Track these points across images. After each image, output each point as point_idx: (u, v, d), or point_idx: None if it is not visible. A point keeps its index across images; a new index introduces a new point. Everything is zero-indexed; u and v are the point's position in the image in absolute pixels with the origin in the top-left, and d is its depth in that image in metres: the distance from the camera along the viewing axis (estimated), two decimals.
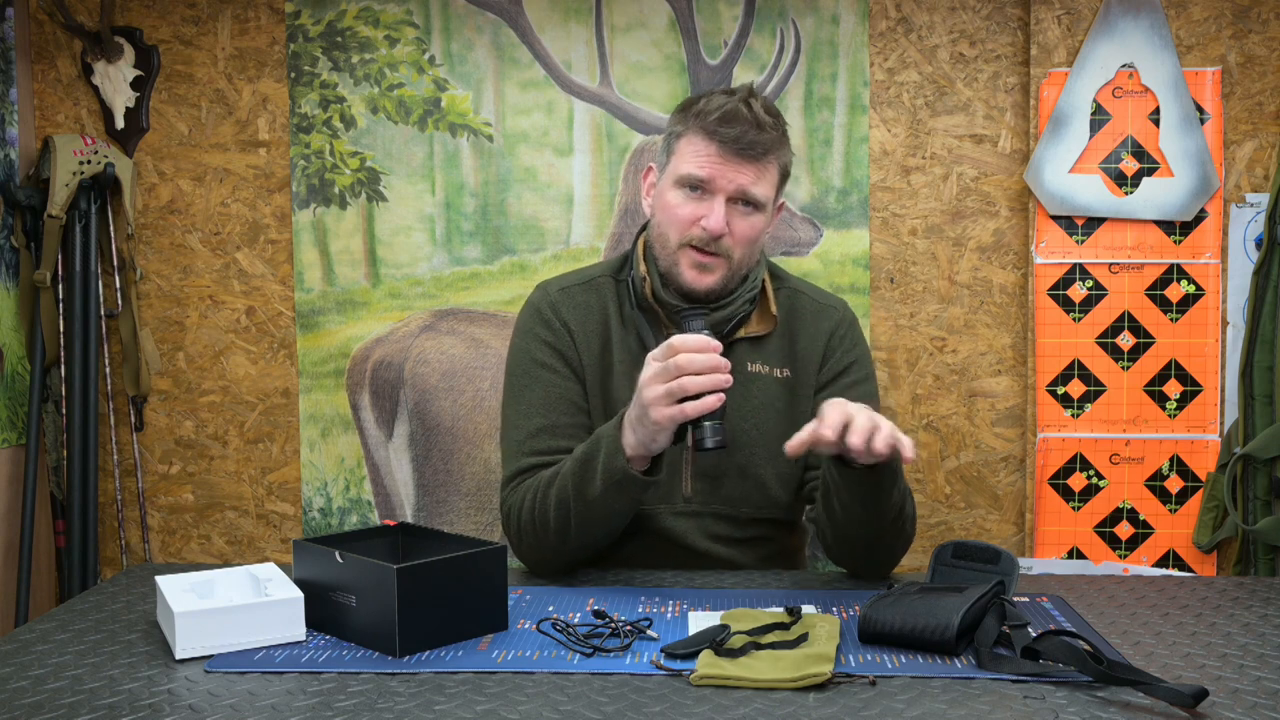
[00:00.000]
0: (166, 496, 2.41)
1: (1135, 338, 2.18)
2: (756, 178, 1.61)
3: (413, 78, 2.31)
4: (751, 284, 1.68)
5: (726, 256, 1.61)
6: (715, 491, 1.67)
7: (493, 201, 2.32)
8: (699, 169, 1.60)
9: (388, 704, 1.08)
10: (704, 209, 1.60)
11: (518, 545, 1.63)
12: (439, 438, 2.34)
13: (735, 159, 1.59)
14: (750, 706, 1.06)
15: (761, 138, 1.59)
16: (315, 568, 1.32)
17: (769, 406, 1.69)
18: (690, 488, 1.67)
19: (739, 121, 1.58)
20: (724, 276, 1.62)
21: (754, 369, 1.69)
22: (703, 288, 1.62)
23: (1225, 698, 1.07)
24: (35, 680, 1.16)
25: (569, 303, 1.73)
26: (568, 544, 1.56)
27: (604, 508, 1.51)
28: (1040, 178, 2.17)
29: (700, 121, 1.61)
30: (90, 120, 2.37)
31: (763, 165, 1.61)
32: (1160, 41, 2.14)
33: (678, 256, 1.62)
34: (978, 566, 1.38)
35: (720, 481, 1.66)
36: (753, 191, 1.60)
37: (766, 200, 1.63)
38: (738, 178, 1.59)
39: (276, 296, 2.37)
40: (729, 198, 1.60)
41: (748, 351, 1.70)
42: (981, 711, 1.05)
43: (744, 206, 1.61)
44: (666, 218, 1.64)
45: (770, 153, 1.62)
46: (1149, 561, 2.19)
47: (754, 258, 1.67)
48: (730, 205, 1.60)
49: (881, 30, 2.24)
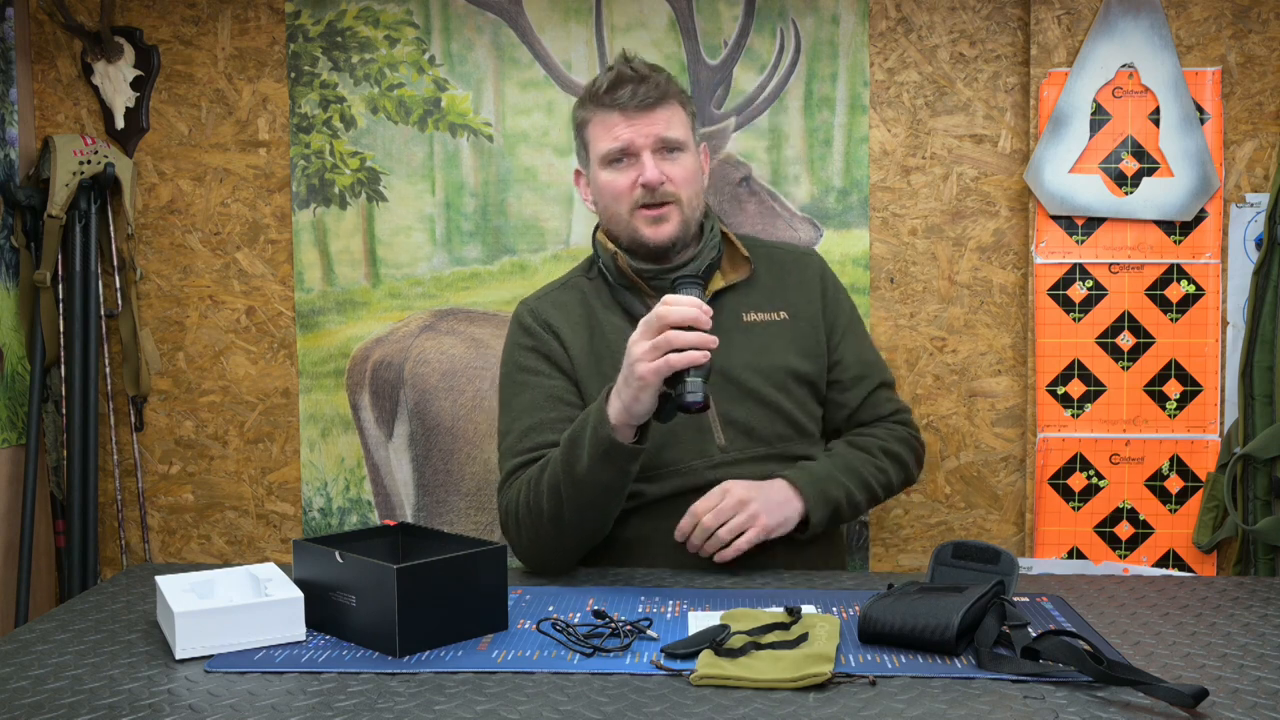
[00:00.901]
0: (166, 496, 2.41)
1: (1135, 338, 2.18)
2: (667, 122, 1.71)
3: (413, 78, 2.31)
4: (711, 233, 1.79)
5: (675, 201, 1.72)
6: (748, 434, 1.73)
7: (493, 201, 2.32)
8: (614, 141, 1.71)
9: (388, 704, 1.08)
10: (635, 171, 1.71)
11: (516, 542, 1.65)
12: (439, 438, 2.34)
13: (639, 114, 1.70)
14: (750, 706, 1.06)
15: (653, 86, 1.71)
16: (315, 568, 1.32)
17: (772, 344, 1.77)
18: (723, 437, 1.72)
19: (625, 82, 1.71)
20: (680, 222, 1.72)
21: (749, 318, 1.78)
22: (665, 237, 1.72)
23: (1225, 698, 1.07)
24: (35, 680, 1.16)
25: (548, 304, 1.82)
26: (563, 531, 1.58)
27: (593, 483, 1.53)
28: (1040, 178, 2.17)
29: (594, 100, 1.74)
30: (90, 120, 2.37)
31: (666, 109, 1.72)
32: (1160, 41, 2.14)
33: (632, 223, 1.73)
34: (978, 566, 1.38)
35: (749, 424, 1.74)
36: (669, 135, 1.71)
37: (686, 140, 1.74)
38: (650, 129, 1.70)
39: (276, 296, 2.37)
40: (652, 151, 1.70)
41: (737, 302, 1.79)
42: (981, 711, 1.05)
43: (669, 153, 1.72)
44: (609, 196, 1.75)
45: (666, 96, 1.72)
46: (1149, 561, 2.20)
47: (700, 199, 1.78)
48: (656, 156, 1.71)
49: (881, 30, 2.24)
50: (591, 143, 1.76)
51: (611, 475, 1.53)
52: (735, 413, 1.73)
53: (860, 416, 1.84)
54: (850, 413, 1.83)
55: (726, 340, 1.70)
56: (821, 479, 1.68)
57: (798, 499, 1.65)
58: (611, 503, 1.58)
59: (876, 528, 2.29)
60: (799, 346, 1.79)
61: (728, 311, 1.76)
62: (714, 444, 1.72)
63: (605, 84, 1.72)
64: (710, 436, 1.72)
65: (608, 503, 1.58)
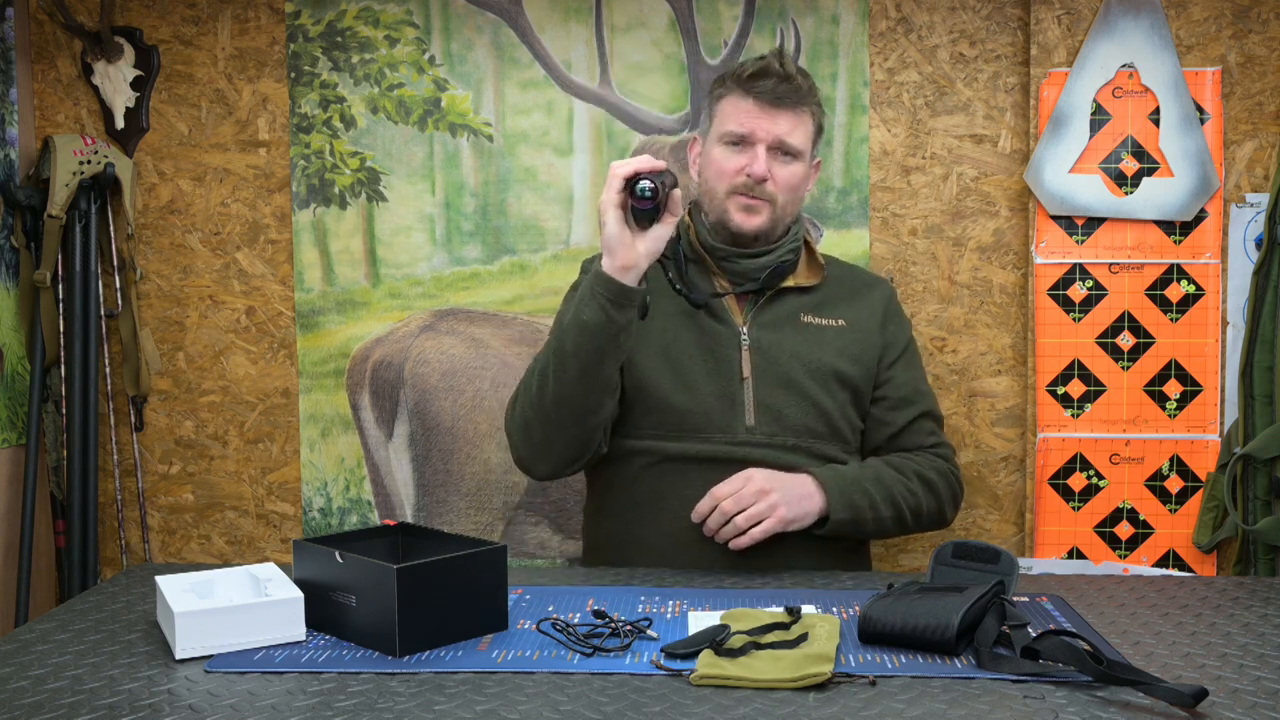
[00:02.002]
0: (166, 496, 2.41)
1: (1135, 338, 2.18)
2: (792, 127, 1.75)
3: (413, 78, 2.31)
4: (793, 237, 1.82)
5: (770, 200, 1.76)
6: (778, 420, 1.75)
7: (493, 201, 2.32)
8: (739, 125, 1.75)
9: (388, 704, 1.08)
10: (747, 158, 1.75)
11: (511, 424, 1.73)
12: (439, 438, 2.34)
13: (771, 109, 1.74)
14: (750, 706, 1.06)
15: (793, 88, 1.75)
16: (315, 568, 1.32)
17: (824, 346, 1.80)
18: (754, 418, 1.74)
19: (770, 75, 1.74)
20: (770, 218, 1.77)
21: (807, 319, 1.82)
22: (751, 228, 1.76)
23: (1225, 698, 1.07)
24: (35, 680, 1.16)
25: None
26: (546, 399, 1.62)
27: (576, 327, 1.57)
28: (1040, 178, 2.17)
29: (736, 81, 1.77)
30: (90, 120, 2.37)
31: (797, 114, 1.76)
32: (1160, 41, 2.14)
33: (726, 204, 1.77)
34: (978, 566, 1.38)
35: (781, 412, 1.75)
36: (790, 141, 1.75)
37: (804, 149, 1.78)
38: (774, 128, 1.74)
39: (276, 296, 2.37)
40: (769, 147, 1.74)
41: (801, 304, 1.83)
42: (981, 711, 1.05)
43: (783, 156, 1.76)
44: (713, 172, 1.79)
45: (803, 102, 1.77)
46: (1149, 561, 2.20)
47: (796, 206, 1.82)
48: (770, 154, 1.75)
49: (881, 30, 2.24)
50: (717, 117, 1.80)
51: (593, 314, 1.56)
52: (771, 398, 1.75)
53: (902, 441, 1.83)
54: (893, 434, 1.83)
55: (779, 333, 1.79)
56: (849, 482, 1.69)
57: (820, 495, 1.66)
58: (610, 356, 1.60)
59: None
60: (849, 353, 1.81)
61: (788, 310, 1.81)
62: (743, 422, 1.74)
63: (751, 70, 1.76)
64: (741, 414, 1.74)
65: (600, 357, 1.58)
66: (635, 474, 1.74)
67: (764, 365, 1.76)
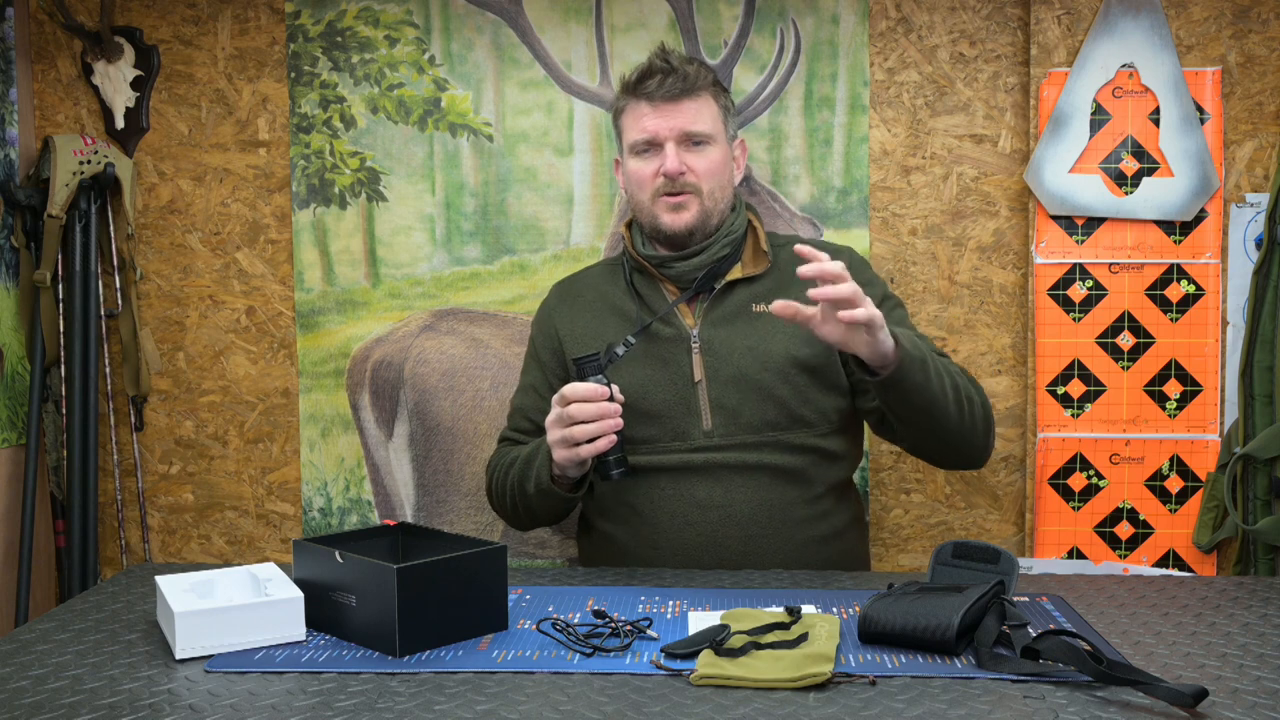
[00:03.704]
0: (166, 496, 2.41)
1: (1135, 338, 2.18)
2: (694, 115, 1.74)
3: (413, 78, 2.31)
4: (729, 229, 1.80)
5: (695, 192, 1.75)
6: (735, 420, 1.74)
7: (493, 201, 2.32)
8: (641, 131, 1.76)
9: (388, 704, 1.08)
10: (659, 160, 1.75)
11: (493, 506, 1.89)
12: (439, 438, 2.34)
13: (666, 106, 1.74)
14: (750, 706, 1.06)
15: (682, 78, 1.73)
16: (315, 568, 1.32)
17: (775, 334, 1.76)
18: (710, 421, 1.73)
19: (655, 73, 1.74)
20: (699, 211, 1.76)
21: (758, 309, 1.79)
22: (683, 225, 1.75)
23: (1225, 698, 1.07)
24: (35, 680, 1.16)
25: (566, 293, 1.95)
26: (521, 520, 1.81)
27: (541, 505, 1.73)
28: (1040, 178, 2.17)
29: (627, 91, 1.79)
30: (90, 120, 2.37)
31: (695, 101, 1.75)
32: (1160, 41, 2.14)
33: (654, 209, 1.77)
34: (978, 566, 1.38)
35: (737, 410, 1.73)
36: (694, 128, 1.74)
37: (714, 133, 1.77)
38: (675, 121, 1.73)
39: (276, 296, 2.37)
40: (677, 142, 1.74)
41: (750, 294, 1.80)
42: (981, 711, 1.05)
43: (694, 145, 1.75)
44: (634, 184, 1.80)
45: (696, 88, 1.75)
46: (1149, 561, 2.20)
47: (724, 192, 1.80)
48: (681, 148, 1.74)
49: (881, 30, 2.24)
50: (624, 132, 1.82)
51: (555, 505, 1.72)
52: (726, 398, 1.73)
53: None
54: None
55: (730, 329, 1.76)
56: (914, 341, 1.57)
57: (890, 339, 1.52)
58: (560, 517, 1.79)
59: (876, 528, 2.29)
60: (802, 334, 1.72)
61: (737, 302, 1.79)
62: (700, 427, 1.73)
63: (637, 75, 1.77)
64: (698, 419, 1.73)
65: (558, 516, 1.78)
66: (612, 486, 1.76)
67: (716, 365, 1.74)
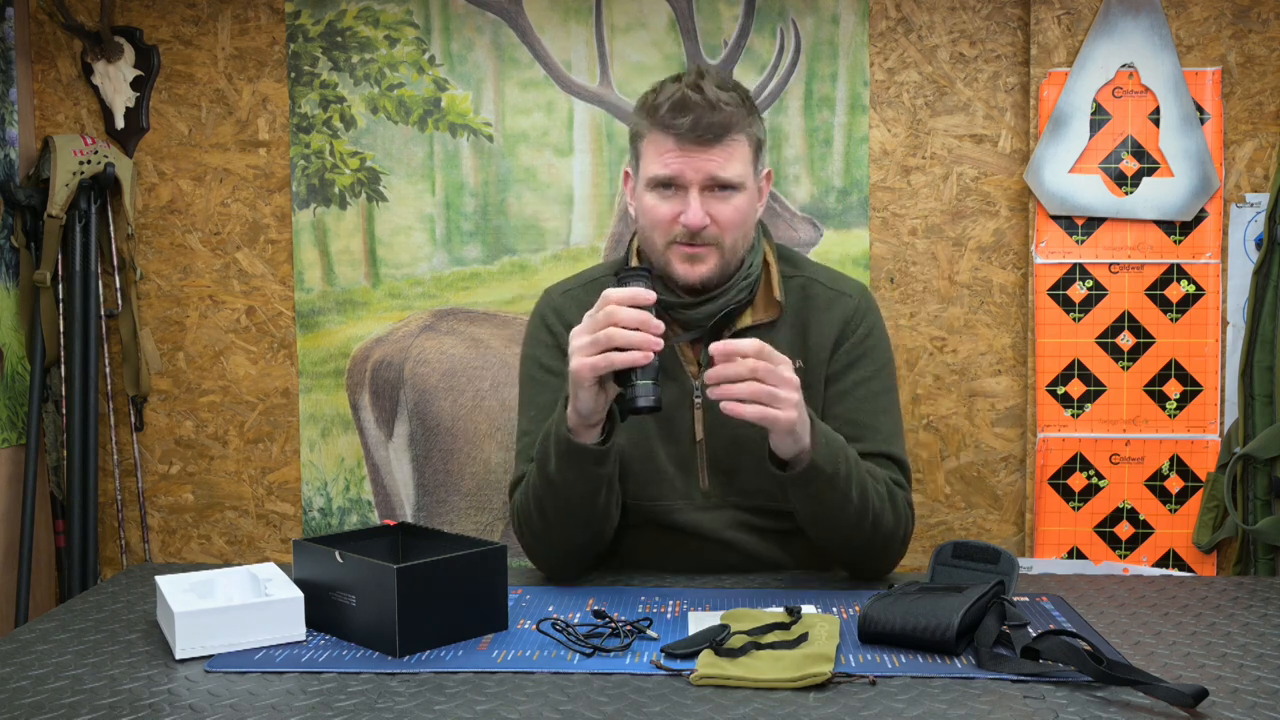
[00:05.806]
0: (166, 496, 2.41)
1: (1135, 338, 2.18)
2: (725, 160, 1.55)
3: (413, 78, 2.31)
4: (746, 271, 1.64)
5: (716, 244, 1.57)
6: (731, 484, 1.64)
7: (493, 201, 2.32)
8: (664, 168, 1.56)
9: (388, 704, 1.08)
10: (680, 205, 1.56)
11: (524, 542, 1.61)
12: (439, 438, 2.34)
13: (696, 147, 1.54)
14: (750, 706, 1.06)
15: (717, 118, 1.54)
16: (315, 568, 1.32)
17: None
18: (707, 482, 1.65)
19: (690, 108, 1.53)
20: (717, 264, 1.59)
21: None
22: (697, 279, 1.58)
23: (1225, 698, 1.07)
24: (35, 680, 1.16)
25: (571, 305, 1.71)
26: (552, 531, 1.54)
27: (563, 483, 1.49)
28: (1040, 178, 2.17)
29: (653, 118, 1.57)
30: (90, 120, 2.37)
31: (727, 146, 1.56)
32: (1160, 41, 2.14)
33: (668, 255, 1.59)
34: (978, 566, 1.38)
35: (735, 475, 1.64)
36: (723, 175, 1.55)
37: (742, 179, 1.58)
38: (704, 166, 1.55)
39: (276, 296, 2.37)
40: (702, 187, 1.55)
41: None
42: (981, 711, 1.05)
43: (720, 191, 1.57)
44: (648, 221, 1.61)
45: (731, 130, 1.56)
46: (1149, 561, 2.19)
47: (747, 239, 1.63)
48: (706, 194, 1.56)
49: (881, 30, 2.24)
50: (643, 158, 1.61)
51: (576, 476, 1.48)
52: (724, 459, 1.63)
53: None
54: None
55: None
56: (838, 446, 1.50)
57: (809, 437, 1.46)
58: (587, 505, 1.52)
59: None
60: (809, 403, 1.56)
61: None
62: (697, 486, 1.65)
63: (667, 104, 1.55)
64: (696, 478, 1.65)
65: (582, 505, 1.52)
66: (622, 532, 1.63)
67: (716, 424, 1.61)
